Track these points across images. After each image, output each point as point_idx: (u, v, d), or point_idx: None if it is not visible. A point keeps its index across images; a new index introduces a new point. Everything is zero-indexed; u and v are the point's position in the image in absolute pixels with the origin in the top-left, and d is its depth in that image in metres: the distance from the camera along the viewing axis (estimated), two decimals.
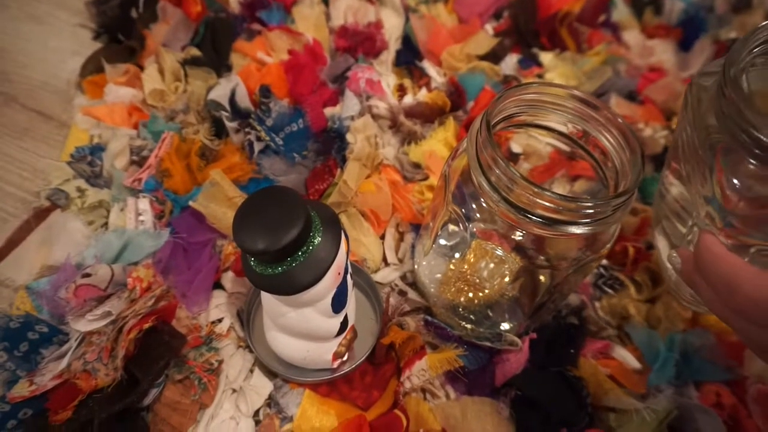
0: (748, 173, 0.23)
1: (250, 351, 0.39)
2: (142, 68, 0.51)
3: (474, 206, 0.35)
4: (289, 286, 0.30)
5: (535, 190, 0.29)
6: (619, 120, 0.33)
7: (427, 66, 0.57)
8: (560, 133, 0.36)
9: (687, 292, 0.40)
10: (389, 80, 0.56)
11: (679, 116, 0.32)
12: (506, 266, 0.39)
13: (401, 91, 0.55)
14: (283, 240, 0.28)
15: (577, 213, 0.30)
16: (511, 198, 0.30)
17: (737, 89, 0.23)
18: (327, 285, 0.32)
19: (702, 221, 0.26)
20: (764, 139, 0.21)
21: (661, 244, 0.37)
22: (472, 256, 0.40)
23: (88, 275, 0.37)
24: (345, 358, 0.38)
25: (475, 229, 0.37)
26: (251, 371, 0.39)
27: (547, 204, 0.29)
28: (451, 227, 0.38)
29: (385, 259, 0.45)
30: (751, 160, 0.22)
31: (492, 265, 0.40)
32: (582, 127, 0.35)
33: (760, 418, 0.38)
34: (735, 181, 0.23)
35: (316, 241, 0.31)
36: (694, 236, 0.27)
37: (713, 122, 0.24)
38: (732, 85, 0.23)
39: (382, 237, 0.46)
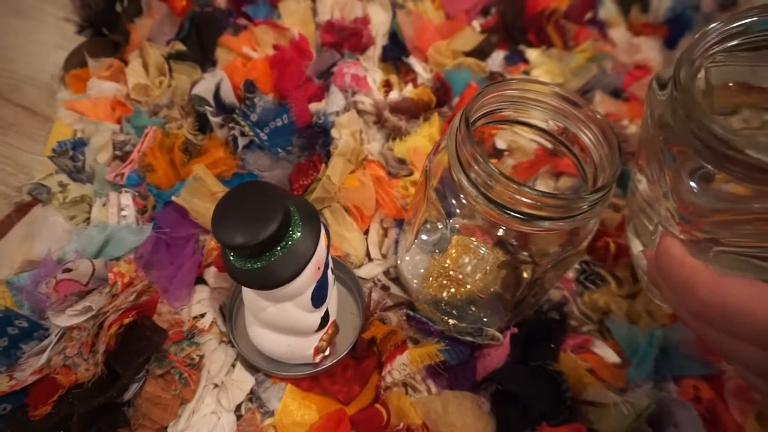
0: (698, 172, 0.23)
1: (233, 346, 0.39)
2: (126, 63, 0.51)
3: (454, 202, 0.35)
4: (268, 281, 0.31)
5: (514, 186, 0.29)
6: (598, 116, 0.33)
7: (414, 62, 0.57)
8: (541, 130, 0.37)
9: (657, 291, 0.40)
10: (375, 76, 0.56)
11: (643, 113, 0.33)
12: (487, 262, 0.40)
13: (387, 86, 0.55)
14: (262, 234, 0.28)
15: (555, 209, 0.30)
16: (490, 195, 0.31)
17: (686, 91, 0.23)
18: (306, 280, 0.32)
19: (664, 218, 0.26)
20: (713, 139, 0.21)
21: (633, 242, 0.37)
22: (453, 251, 0.41)
23: (69, 270, 0.37)
24: (327, 352, 0.38)
25: (457, 225, 0.37)
26: (233, 366, 0.39)
27: (526, 200, 0.30)
28: (432, 223, 0.38)
29: (368, 255, 0.45)
30: (701, 160, 0.22)
31: (474, 261, 0.40)
32: (563, 124, 0.35)
33: (738, 411, 0.39)
34: (686, 178, 0.24)
35: (295, 235, 0.31)
36: (658, 236, 0.27)
37: (669, 121, 0.24)
38: (681, 86, 0.24)
39: (366, 232, 0.46)
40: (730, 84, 0.25)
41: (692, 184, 0.23)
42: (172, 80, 0.50)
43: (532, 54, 0.60)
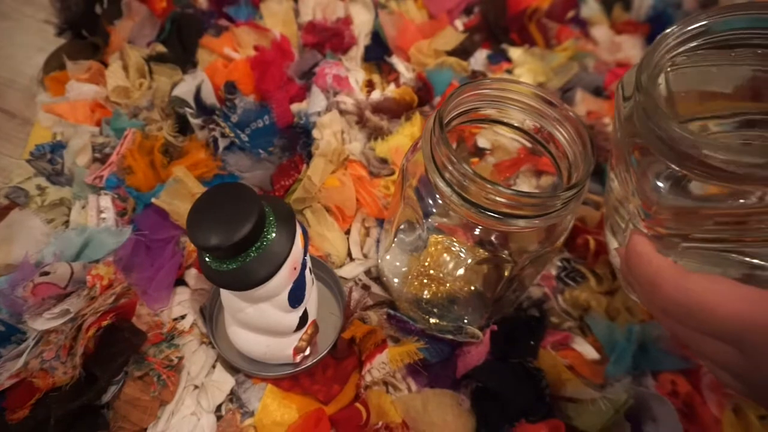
0: (662, 171, 0.24)
1: (213, 347, 0.39)
2: (106, 65, 0.51)
3: (431, 201, 0.35)
4: (243, 282, 0.31)
5: (489, 186, 0.30)
6: (571, 114, 0.33)
7: (396, 62, 0.57)
8: (518, 129, 0.37)
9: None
10: (358, 76, 0.56)
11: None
12: (466, 260, 0.40)
13: (370, 86, 0.55)
14: (236, 235, 0.29)
15: (531, 207, 0.31)
16: (465, 195, 0.31)
17: (647, 95, 0.23)
18: (282, 280, 0.32)
19: (632, 216, 0.27)
20: (673, 140, 0.22)
21: (610, 240, 0.38)
22: (432, 250, 0.41)
23: (46, 273, 0.37)
24: (307, 352, 0.38)
25: (435, 224, 0.37)
26: (213, 367, 0.39)
27: (501, 200, 0.30)
28: (411, 222, 0.38)
29: (350, 254, 0.45)
30: (664, 160, 0.23)
31: (452, 260, 0.40)
32: (538, 123, 0.36)
33: (715, 405, 0.39)
34: (651, 177, 0.24)
35: (270, 236, 0.31)
36: (629, 234, 0.27)
37: (634, 122, 0.25)
38: (643, 89, 0.24)
39: (348, 232, 0.46)
40: (691, 91, 0.25)
41: (657, 183, 0.23)
42: (153, 82, 0.50)
43: (515, 53, 0.61)
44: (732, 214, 0.21)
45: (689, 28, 0.25)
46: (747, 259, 0.23)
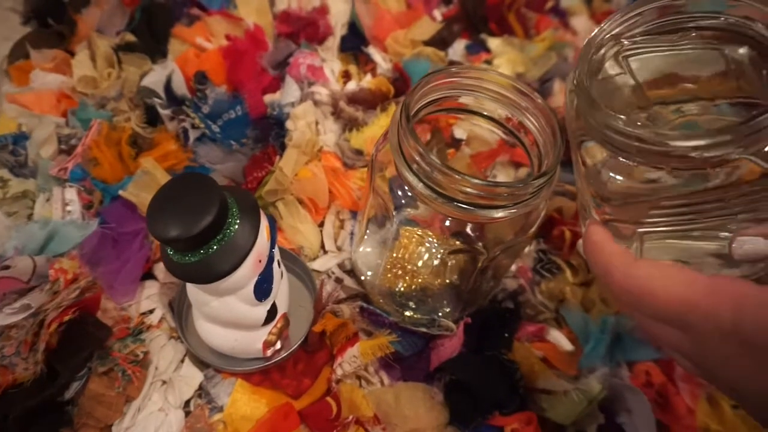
0: (606, 159, 0.24)
1: (182, 342, 0.38)
2: (72, 54, 0.50)
3: (401, 193, 0.35)
4: (206, 275, 0.30)
5: (457, 177, 0.29)
6: (540, 101, 0.33)
7: (373, 52, 0.56)
8: (490, 118, 0.36)
9: None
10: (334, 66, 0.55)
11: None
12: (439, 252, 0.39)
13: (346, 77, 0.54)
14: (197, 227, 0.28)
15: (500, 197, 0.30)
16: (434, 186, 0.30)
17: (581, 87, 0.24)
18: (246, 272, 0.31)
19: (586, 203, 0.26)
20: (612, 130, 0.22)
21: (582, 230, 0.37)
22: (405, 242, 0.40)
23: (6, 267, 0.36)
24: (278, 346, 0.38)
25: (407, 215, 0.37)
26: (182, 362, 0.38)
27: (470, 191, 0.29)
28: (381, 213, 0.37)
29: (323, 247, 0.44)
30: (607, 148, 0.23)
31: (425, 252, 0.40)
32: (510, 112, 0.35)
33: (688, 395, 0.39)
34: (598, 165, 0.24)
35: (233, 228, 0.30)
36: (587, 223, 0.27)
37: (581, 113, 0.25)
38: (579, 86, 0.24)
39: (322, 224, 0.45)
40: (653, 77, 0.25)
41: (602, 170, 0.23)
42: (121, 72, 0.49)
43: (494, 43, 0.60)
44: (677, 197, 0.22)
45: (636, 12, 0.25)
46: (704, 243, 0.23)
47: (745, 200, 0.21)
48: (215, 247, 0.30)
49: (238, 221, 0.30)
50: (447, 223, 0.36)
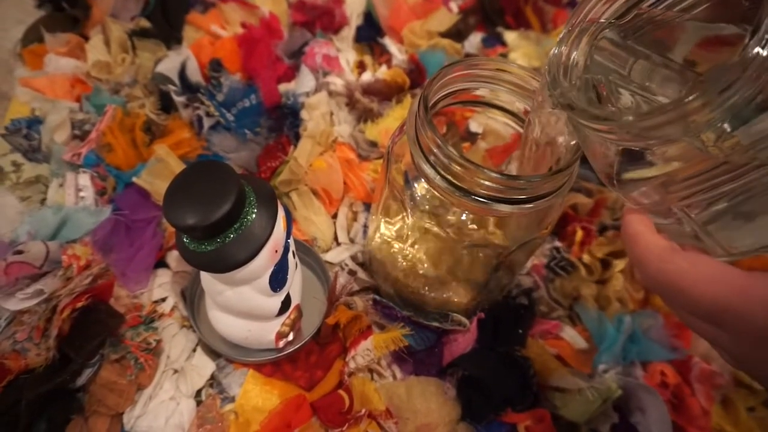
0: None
1: (194, 331, 0.38)
2: (87, 38, 0.49)
3: (417, 185, 0.34)
4: (222, 264, 0.29)
5: (474, 169, 0.28)
6: None
7: (389, 43, 0.56)
8: (507, 111, 0.36)
9: None
10: (349, 57, 0.54)
11: None
12: (454, 245, 0.39)
13: (361, 67, 0.54)
14: (214, 215, 0.27)
15: (517, 191, 0.30)
16: (451, 178, 0.30)
17: (555, 83, 0.24)
18: (263, 263, 0.31)
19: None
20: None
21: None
22: (420, 235, 0.40)
23: (20, 252, 0.36)
24: (290, 337, 0.37)
25: (422, 208, 0.36)
26: (194, 351, 0.38)
27: (487, 183, 0.29)
28: (395, 206, 0.37)
29: (336, 239, 0.44)
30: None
31: (439, 245, 0.39)
32: (527, 105, 0.34)
33: (703, 396, 0.39)
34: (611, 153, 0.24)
35: (250, 217, 0.30)
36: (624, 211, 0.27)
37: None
38: (549, 83, 0.24)
39: (335, 216, 0.45)
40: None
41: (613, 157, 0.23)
42: (136, 58, 0.49)
43: (510, 36, 0.59)
44: (694, 173, 0.21)
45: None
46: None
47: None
48: (232, 236, 0.29)
49: (255, 210, 0.30)
50: (463, 217, 0.36)
